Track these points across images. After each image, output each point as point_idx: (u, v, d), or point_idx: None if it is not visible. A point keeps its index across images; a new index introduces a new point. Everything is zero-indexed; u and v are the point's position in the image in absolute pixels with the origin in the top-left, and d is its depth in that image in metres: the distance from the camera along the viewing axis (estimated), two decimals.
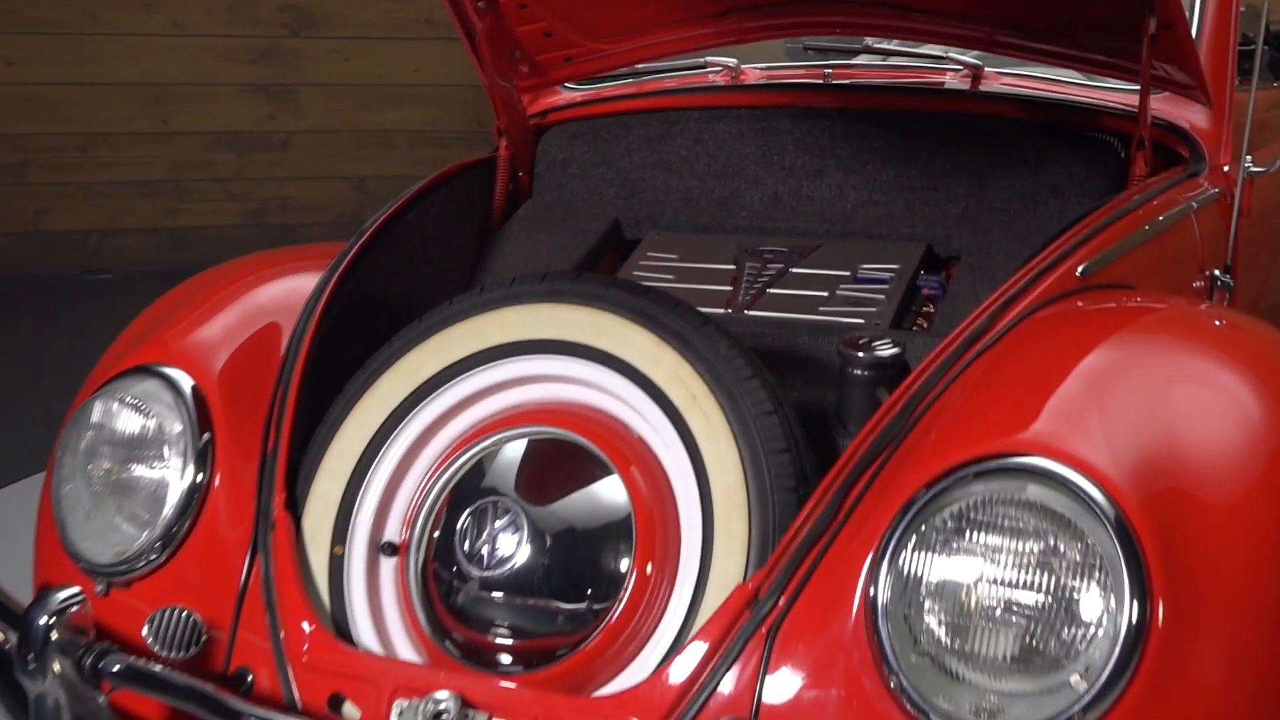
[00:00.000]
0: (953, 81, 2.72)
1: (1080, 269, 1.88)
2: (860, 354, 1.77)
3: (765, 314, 2.33)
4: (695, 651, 1.54)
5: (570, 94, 2.92)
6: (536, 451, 1.80)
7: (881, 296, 2.32)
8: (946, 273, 2.47)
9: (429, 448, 1.86)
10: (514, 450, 1.81)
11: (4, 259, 6.92)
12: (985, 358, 1.71)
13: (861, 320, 2.26)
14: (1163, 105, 2.44)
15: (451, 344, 1.86)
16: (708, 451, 1.69)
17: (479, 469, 1.81)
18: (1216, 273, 2.41)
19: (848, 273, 2.41)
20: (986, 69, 2.69)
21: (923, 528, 1.49)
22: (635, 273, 2.52)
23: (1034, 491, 1.46)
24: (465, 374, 1.85)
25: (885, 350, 1.77)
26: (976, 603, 1.46)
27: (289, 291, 2.15)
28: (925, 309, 2.36)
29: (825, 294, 2.36)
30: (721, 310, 2.34)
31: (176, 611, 1.74)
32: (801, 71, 2.86)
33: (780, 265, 2.47)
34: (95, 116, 7.09)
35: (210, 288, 2.16)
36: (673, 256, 2.56)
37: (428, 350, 1.87)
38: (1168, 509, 1.46)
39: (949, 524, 1.48)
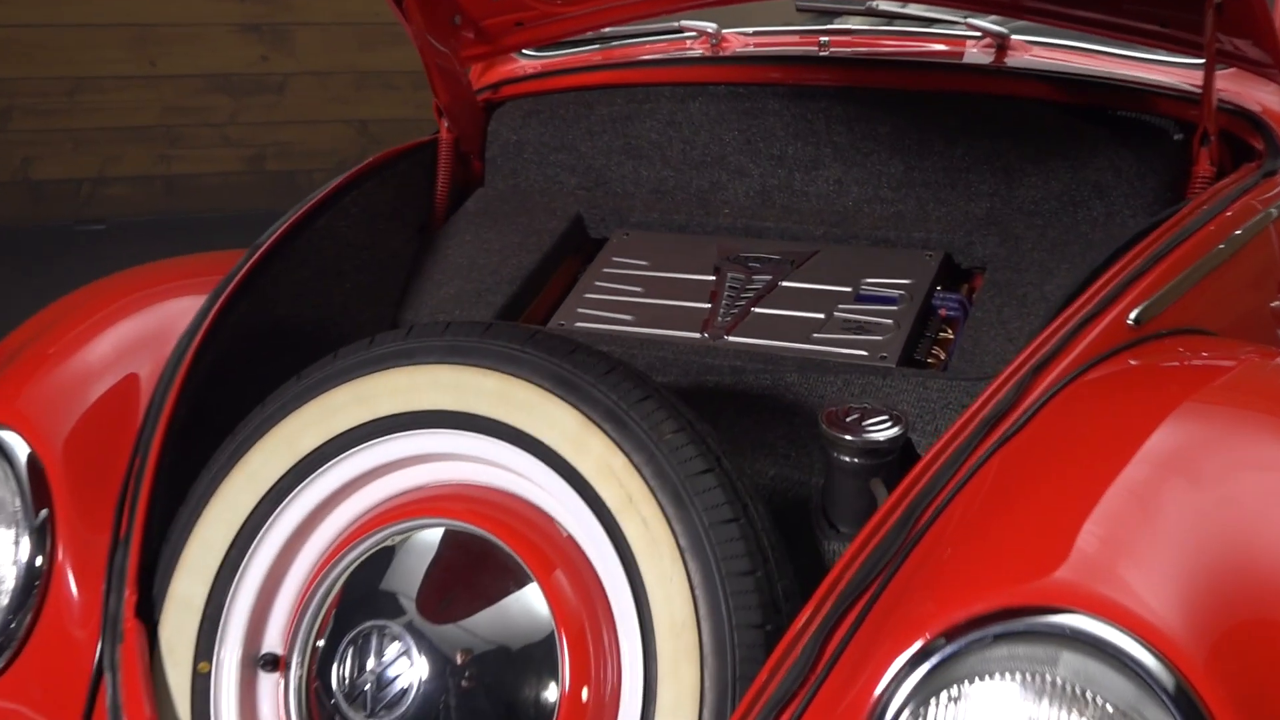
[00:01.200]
0: (974, 53, 2.29)
1: (1134, 315, 1.48)
2: (849, 437, 1.38)
3: (748, 341, 1.94)
4: None
5: (529, 63, 2.51)
6: (440, 552, 1.44)
7: (889, 321, 1.93)
8: (968, 286, 2.07)
9: (311, 541, 1.51)
10: (414, 548, 1.45)
11: None
12: (1012, 445, 1.33)
13: (864, 352, 1.88)
14: (1230, 85, 2.01)
15: (335, 411, 1.49)
16: (649, 573, 1.32)
17: (372, 567, 1.45)
18: None
19: (848, 289, 2.02)
20: (1014, 38, 2.26)
21: (930, 705, 1.12)
22: (598, 282, 2.14)
23: (1069, 665, 1.09)
24: (352, 449, 1.49)
25: (882, 432, 1.39)
26: None
27: (164, 324, 1.79)
28: (942, 333, 1.97)
29: (820, 316, 1.97)
30: (697, 335, 1.96)
31: None
32: (794, 39, 2.43)
33: (768, 277, 2.08)
34: (79, 60, 6.78)
35: (68, 319, 1.79)
36: (643, 263, 2.17)
37: (307, 418, 1.50)
38: (1256, 681, 1.09)
39: (960, 698, 1.12)
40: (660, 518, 1.32)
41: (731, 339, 1.96)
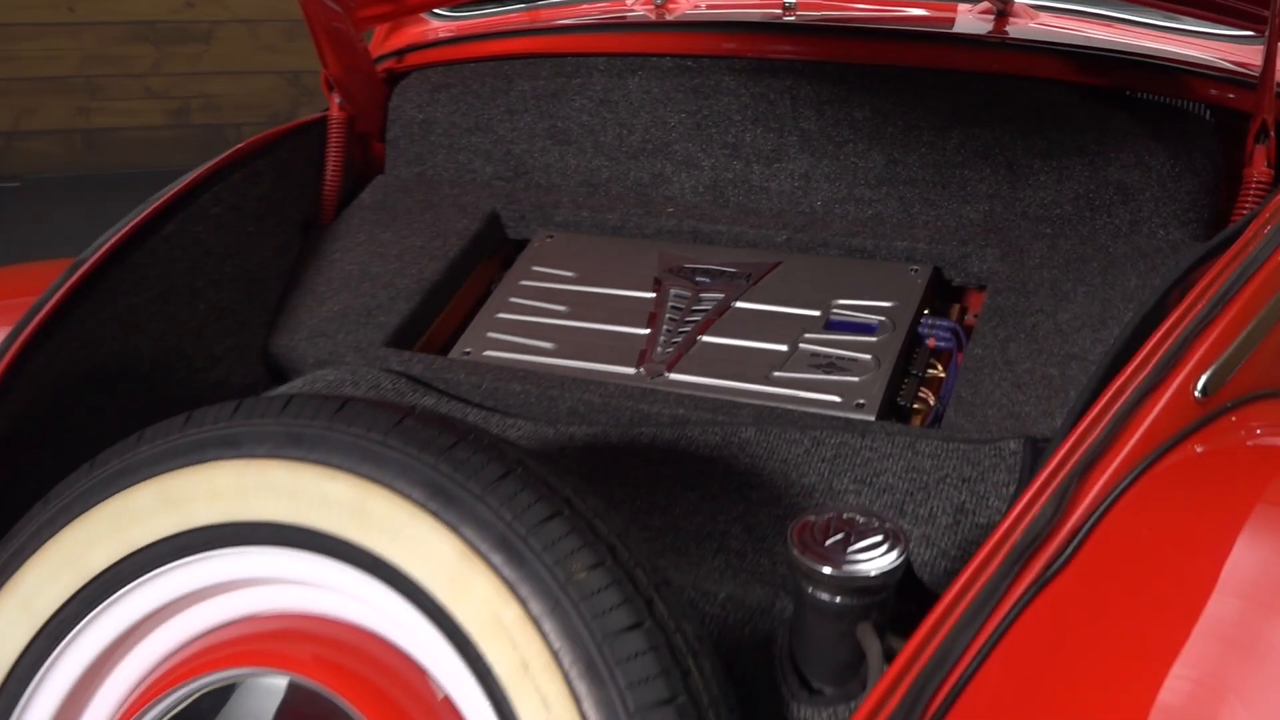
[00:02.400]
0: (970, 20, 1.90)
1: (1200, 384, 1.12)
2: (829, 570, 1.00)
3: (693, 380, 1.58)
4: None
5: (441, 24, 2.10)
6: (276, 716, 1.07)
7: (866, 357, 1.56)
8: (961, 307, 1.70)
9: (102, 692, 1.13)
10: (239, 708, 1.08)
11: None
12: (1058, 584, 0.97)
13: (836, 398, 1.51)
14: None
15: (135, 517, 1.11)
16: None
17: None
18: None
19: (816, 313, 1.65)
20: (1018, 1, 1.87)
21: None
22: (515, 298, 1.76)
23: None
24: (157, 569, 1.10)
25: (874, 561, 1.01)
26: None
27: None
28: (930, 369, 1.60)
29: (782, 349, 1.60)
30: (631, 370, 1.59)
31: None
32: (754, 1, 2.03)
33: (718, 295, 1.71)
34: None
35: None
36: (568, 274, 1.79)
37: (98, 525, 1.12)
38: None
39: None
40: (566, 696, 0.95)
41: (673, 376, 1.59)
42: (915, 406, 1.56)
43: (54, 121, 6.54)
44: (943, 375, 1.60)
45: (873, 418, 1.49)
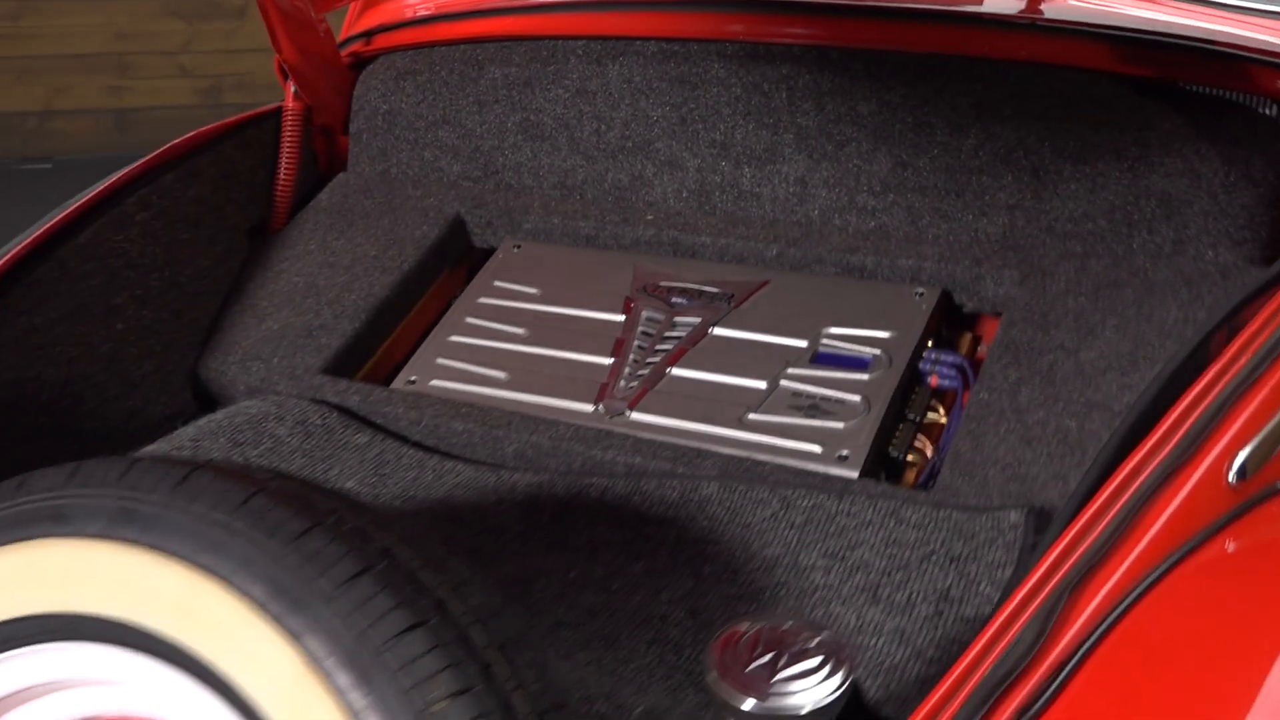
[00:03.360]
0: None
1: (1236, 465, 0.90)
2: (750, 704, 0.79)
3: (656, 421, 1.37)
4: None
5: (420, 1, 1.90)
6: None
7: (855, 399, 1.34)
8: (974, 335, 1.48)
9: None
10: None
11: None
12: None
13: (816, 447, 1.30)
14: None
15: None
16: None
17: None
18: None
19: (803, 343, 1.43)
20: None
21: None
22: (471, 318, 1.56)
23: None
24: None
25: (808, 692, 0.80)
26: None
27: None
28: (932, 413, 1.38)
29: (761, 385, 1.39)
30: (590, 407, 1.39)
31: None
32: None
33: (695, 319, 1.50)
34: None
35: None
36: (532, 290, 1.59)
37: None
38: None
39: None
40: None
41: (635, 416, 1.38)
42: (909, 459, 1.33)
43: (85, 101, 6.44)
44: (944, 421, 1.37)
45: (856, 473, 1.27)
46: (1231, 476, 0.90)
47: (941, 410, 1.38)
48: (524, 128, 1.72)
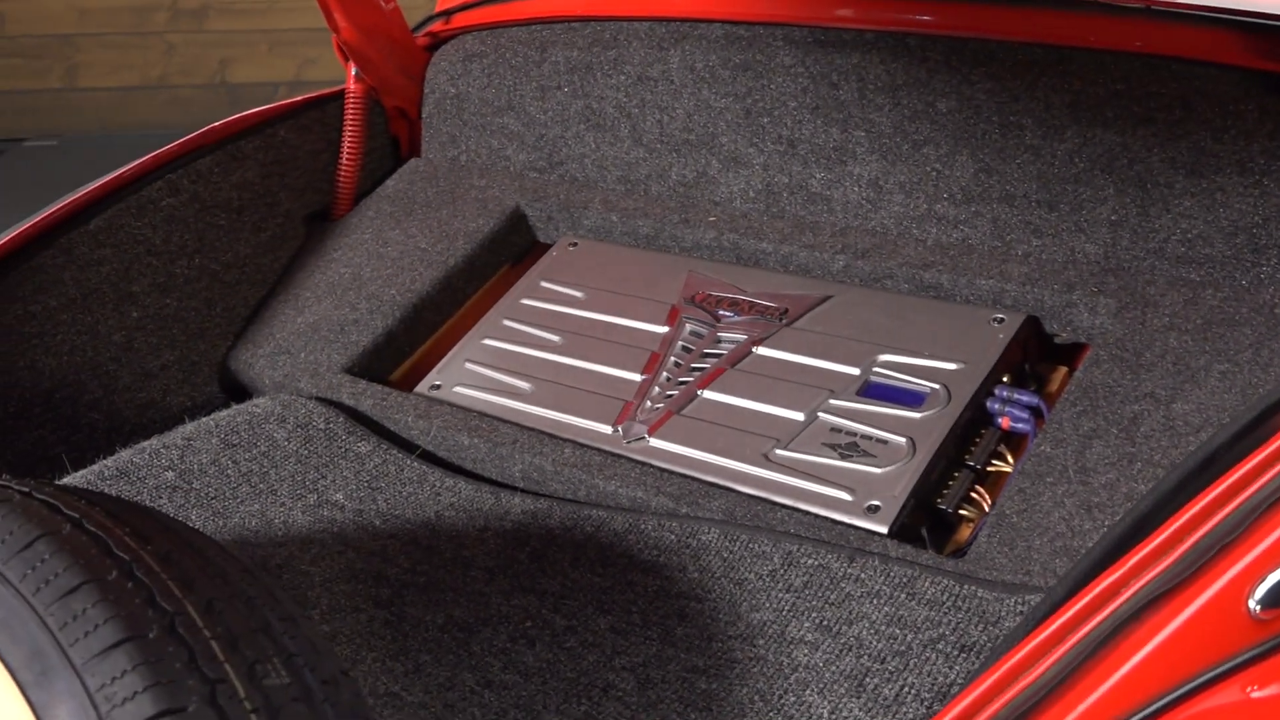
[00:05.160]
0: None
1: (1261, 591, 0.68)
2: None
3: (674, 450, 1.22)
4: None
5: None
6: None
7: (901, 440, 1.15)
8: (1068, 371, 1.26)
9: None
10: None
11: (190, 112, 6.49)
12: None
13: (845, 495, 1.12)
14: None
15: None
16: None
17: None
18: None
19: (854, 370, 1.25)
20: None
21: None
22: (509, 320, 1.45)
23: None
24: None
25: None
26: None
27: None
28: (996, 461, 1.17)
29: (798, 417, 1.21)
30: (608, 429, 1.25)
31: None
32: None
33: (742, 335, 1.33)
34: None
35: None
36: (577, 293, 1.46)
37: None
38: None
39: None
40: None
41: (653, 443, 1.23)
42: (963, 512, 1.13)
43: (332, 72, 6.64)
44: (1009, 470, 1.16)
45: (885, 528, 1.08)
46: (1254, 604, 0.68)
47: (1010, 459, 1.16)
48: (585, 116, 1.58)
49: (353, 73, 1.67)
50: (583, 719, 0.94)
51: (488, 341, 1.43)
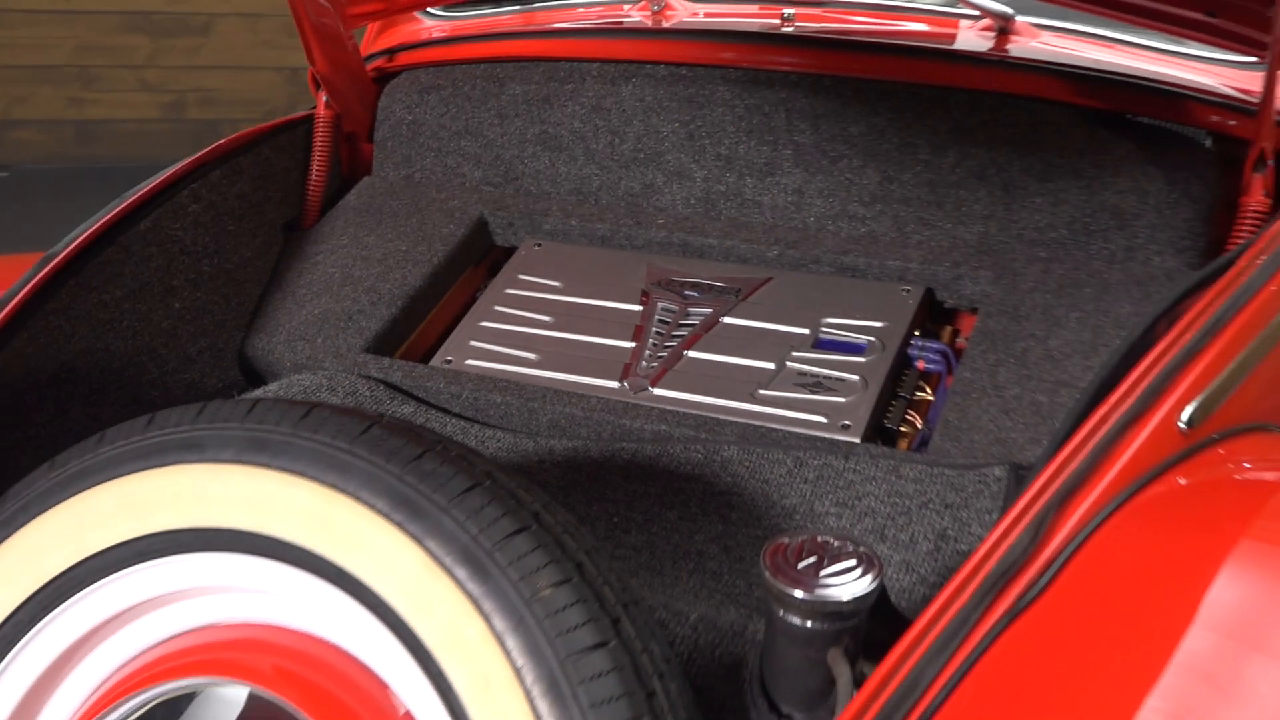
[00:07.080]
0: (970, 37, 1.88)
1: (1186, 415, 1.10)
2: (800, 594, 0.98)
3: (677, 395, 1.55)
4: None
5: (436, 24, 2.08)
6: None
7: (854, 378, 1.54)
8: (953, 329, 1.68)
9: (56, 697, 1.10)
10: (198, 718, 1.05)
11: None
12: (1032, 614, 0.95)
13: (822, 418, 1.49)
14: None
15: (93, 518, 1.08)
16: None
17: None
18: None
19: (805, 330, 1.62)
20: (1019, 19, 1.85)
21: None
22: (499, 306, 1.73)
23: None
24: (116, 573, 1.07)
25: (847, 586, 0.99)
26: None
27: None
28: (919, 392, 1.58)
29: (769, 366, 1.58)
30: (615, 384, 1.56)
31: None
32: (752, 10, 2.01)
33: (706, 310, 1.68)
34: None
35: None
36: (554, 283, 1.76)
37: (55, 527, 1.09)
38: None
39: None
40: (527, 715, 0.92)
41: (657, 391, 1.56)
42: (902, 429, 1.53)
43: (46, 111, 6.45)
44: (931, 399, 1.57)
45: (858, 439, 1.46)
46: (1182, 424, 1.10)
47: (928, 389, 1.57)
48: (542, 139, 1.91)
49: (323, 100, 1.92)
50: (694, 570, 1.27)
51: (486, 323, 1.72)
